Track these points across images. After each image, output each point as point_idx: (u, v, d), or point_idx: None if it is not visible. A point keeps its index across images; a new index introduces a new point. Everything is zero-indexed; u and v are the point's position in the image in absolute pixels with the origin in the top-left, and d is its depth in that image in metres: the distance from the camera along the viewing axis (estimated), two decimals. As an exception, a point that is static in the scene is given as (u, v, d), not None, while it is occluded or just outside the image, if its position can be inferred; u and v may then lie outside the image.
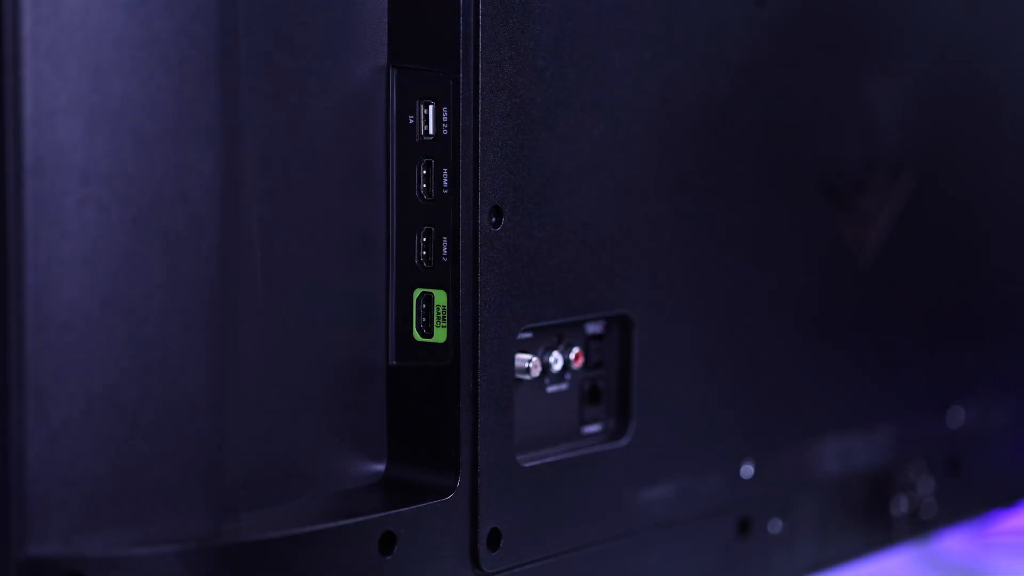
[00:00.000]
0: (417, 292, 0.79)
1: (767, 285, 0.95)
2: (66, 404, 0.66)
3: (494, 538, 0.80)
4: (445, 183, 0.78)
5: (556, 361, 0.85)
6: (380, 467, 0.79)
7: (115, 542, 0.67)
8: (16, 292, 0.65)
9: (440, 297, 0.78)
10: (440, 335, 0.79)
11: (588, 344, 0.86)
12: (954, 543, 1.21)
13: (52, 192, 0.65)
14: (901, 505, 1.08)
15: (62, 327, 0.66)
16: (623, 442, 0.88)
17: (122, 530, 0.67)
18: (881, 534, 1.07)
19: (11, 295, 0.65)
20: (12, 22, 0.65)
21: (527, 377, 0.82)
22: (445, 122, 0.77)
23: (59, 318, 0.66)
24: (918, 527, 1.10)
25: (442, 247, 0.78)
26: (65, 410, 0.66)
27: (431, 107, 0.78)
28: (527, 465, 0.82)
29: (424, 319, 0.79)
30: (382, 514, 0.75)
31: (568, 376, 0.86)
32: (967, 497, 1.15)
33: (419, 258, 0.79)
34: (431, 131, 0.78)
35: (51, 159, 0.65)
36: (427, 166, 0.78)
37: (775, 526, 0.98)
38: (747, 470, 0.95)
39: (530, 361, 0.82)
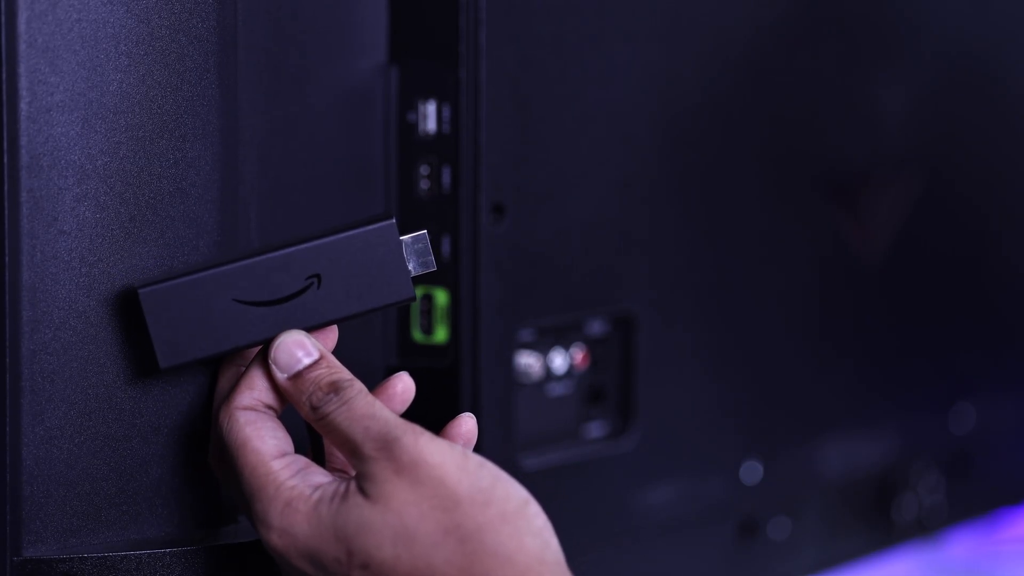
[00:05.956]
0: (418, 291, 0.78)
1: (772, 284, 0.95)
2: (62, 404, 0.66)
3: (496, 540, 0.80)
4: (446, 181, 0.77)
5: (558, 362, 0.84)
6: (380, 468, 0.79)
7: (112, 543, 0.67)
8: (12, 290, 0.65)
9: (441, 297, 0.78)
10: (441, 335, 0.78)
11: (590, 344, 0.86)
12: (960, 548, 1.21)
13: (48, 190, 0.65)
14: (908, 505, 1.07)
15: (58, 326, 0.66)
16: (626, 444, 0.87)
17: (119, 531, 0.67)
18: (888, 534, 1.07)
19: (7, 293, 0.65)
20: (8, 18, 0.64)
21: (529, 378, 0.82)
22: (446, 120, 0.77)
23: (55, 317, 0.65)
24: (925, 527, 1.09)
25: (443, 246, 0.78)
26: (61, 410, 0.66)
27: (432, 105, 0.77)
28: (529, 467, 0.82)
29: (425, 319, 0.79)
30: (382, 516, 0.75)
31: (570, 377, 0.86)
32: (975, 496, 1.15)
33: (420, 257, 0.78)
34: (432, 129, 0.77)
35: (47, 156, 0.65)
36: (428, 164, 0.78)
37: (780, 527, 0.97)
38: (751, 471, 0.95)
39: (532, 362, 0.81)
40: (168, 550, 0.67)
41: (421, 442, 0.62)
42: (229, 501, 0.70)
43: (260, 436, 0.64)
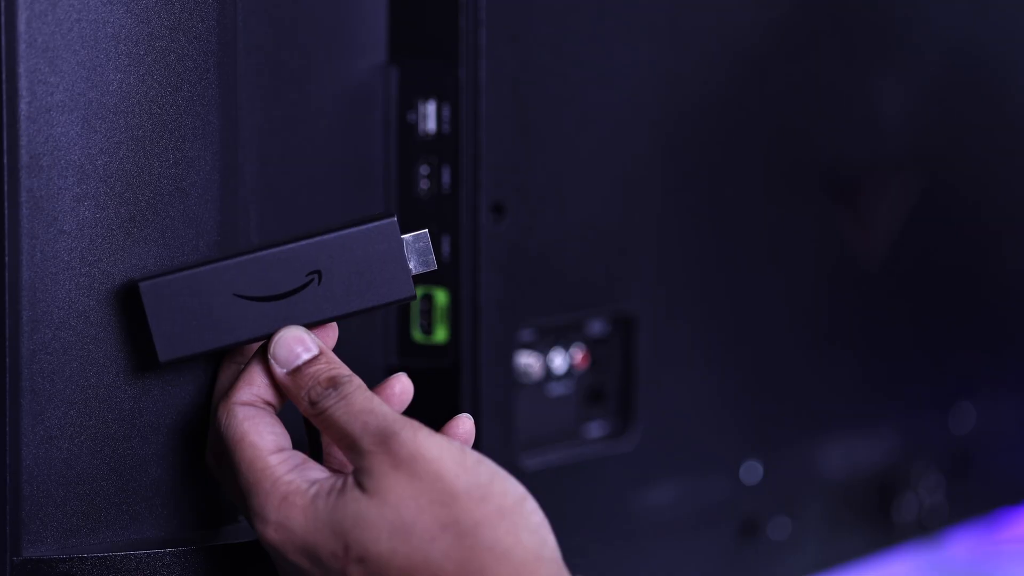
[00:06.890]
0: (418, 291, 0.78)
1: (772, 284, 0.95)
2: (62, 404, 0.66)
3: (496, 540, 0.80)
4: (446, 181, 0.77)
5: (558, 362, 0.84)
6: (380, 468, 0.79)
7: (112, 543, 0.67)
8: (12, 290, 0.65)
9: (441, 297, 0.78)
10: (441, 335, 0.78)
11: (590, 345, 0.86)
12: (960, 548, 1.21)
13: (48, 190, 0.65)
14: (908, 505, 1.07)
15: (58, 326, 0.66)
16: (626, 444, 0.87)
17: (118, 531, 0.67)
18: (888, 534, 1.07)
19: (7, 293, 0.65)
20: (8, 18, 0.64)
21: (529, 378, 0.82)
22: (446, 120, 0.77)
23: (55, 317, 0.65)
24: (925, 527, 1.09)
25: (443, 246, 0.78)
26: (61, 410, 0.66)
27: (432, 104, 0.77)
28: (529, 467, 0.82)
29: (425, 319, 0.78)
30: (382, 516, 0.75)
31: (570, 377, 0.85)
32: (975, 496, 1.14)
33: (420, 257, 0.78)
34: (432, 129, 0.77)
35: (47, 156, 0.65)
36: (428, 164, 0.78)
37: (780, 527, 0.97)
38: (751, 471, 0.95)
39: (532, 362, 0.81)
40: (168, 550, 0.67)
41: (419, 437, 0.62)
42: (229, 501, 0.70)
43: (258, 431, 0.64)
